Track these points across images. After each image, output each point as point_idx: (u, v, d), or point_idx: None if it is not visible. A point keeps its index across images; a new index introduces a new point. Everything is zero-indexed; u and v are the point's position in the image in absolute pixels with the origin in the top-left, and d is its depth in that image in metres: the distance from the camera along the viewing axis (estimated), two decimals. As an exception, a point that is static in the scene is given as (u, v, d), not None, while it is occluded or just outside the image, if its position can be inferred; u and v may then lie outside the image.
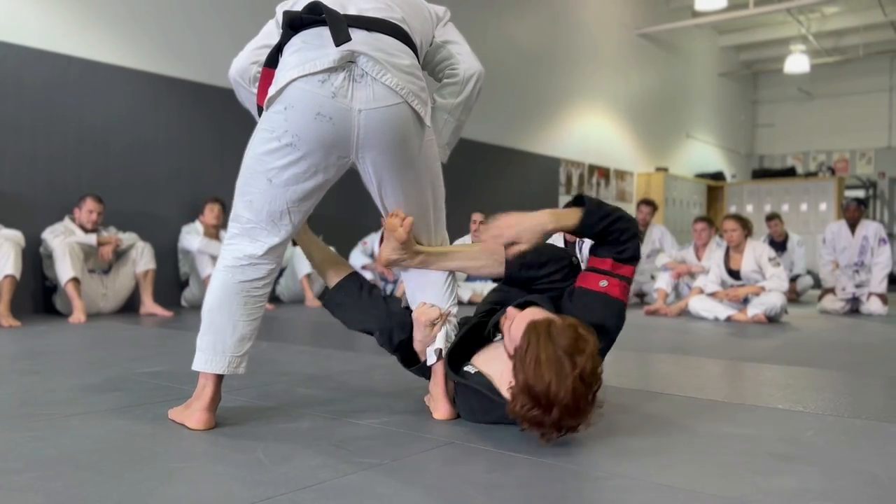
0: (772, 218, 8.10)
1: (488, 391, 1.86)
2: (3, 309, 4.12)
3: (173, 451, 1.67)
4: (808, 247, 8.87)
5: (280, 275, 6.13)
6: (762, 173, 13.09)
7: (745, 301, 5.54)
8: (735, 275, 5.69)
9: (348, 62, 1.75)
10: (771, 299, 5.37)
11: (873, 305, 6.43)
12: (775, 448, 1.77)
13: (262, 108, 1.90)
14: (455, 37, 2.10)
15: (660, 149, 11.89)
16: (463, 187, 7.64)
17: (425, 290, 2.07)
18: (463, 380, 1.95)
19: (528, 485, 1.46)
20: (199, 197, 5.53)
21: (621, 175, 10.89)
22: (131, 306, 5.02)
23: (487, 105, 7.78)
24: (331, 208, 4.57)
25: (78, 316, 4.42)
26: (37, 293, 4.80)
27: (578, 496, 1.40)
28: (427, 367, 2.06)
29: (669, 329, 4.81)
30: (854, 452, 1.76)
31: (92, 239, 4.70)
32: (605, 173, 10.49)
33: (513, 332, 1.79)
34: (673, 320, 5.45)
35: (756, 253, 5.65)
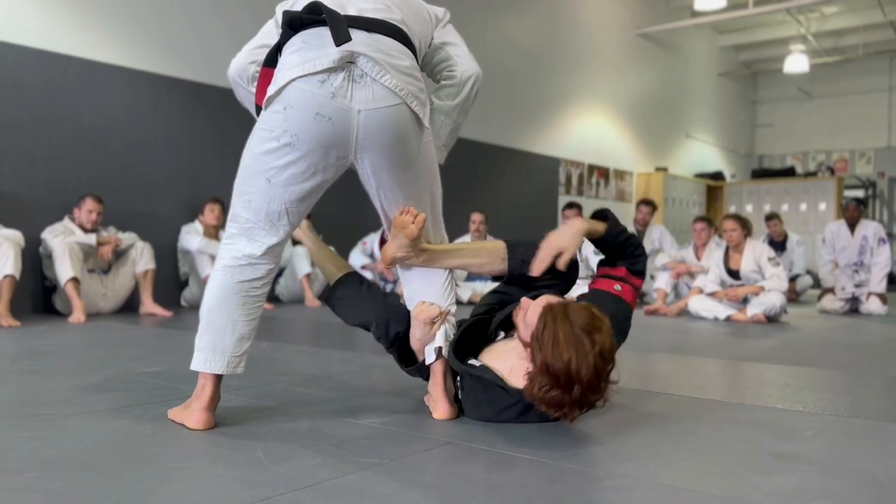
0: (771, 218, 8.10)
1: (497, 382, 1.90)
2: (2, 309, 4.12)
3: (173, 451, 1.67)
4: (807, 247, 8.87)
5: (279, 275, 6.13)
6: (761, 173, 13.10)
7: (745, 301, 5.54)
8: (734, 275, 5.69)
9: (348, 63, 1.75)
10: (770, 299, 5.37)
11: (873, 305, 6.43)
12: (775, 448, 1.77)
13: (260, 108, 1.90)
14: (454, 38, 2.10)
15: (659, 149, 11.89)
16: (462, 187, 7.64)
17: (424, 290, 2.07)
18: (471, 369, 1.96)
19: (528, 484, 1.46)
20: (198, 197, 5.53)
21: (621, 175, 10.89)
22: (131, 306, 5.02)
23: (487, 105, 7.78)
24: (331, 208, 4.57)
25: (77, 316, 4.42)
26: (36, 293, 4.80)
27: (578, 496, 1.40)
28: (425, 366, 2.06)
29: (669, 329, 4.81)
30: (853, 452, 1.76)
31: (91, 239, 4.70)
32: (604, 173, 10.49)
33: (528, 318, 1.84)
34: (672, 320, 5.45)
35: (755, 253, 5.65)
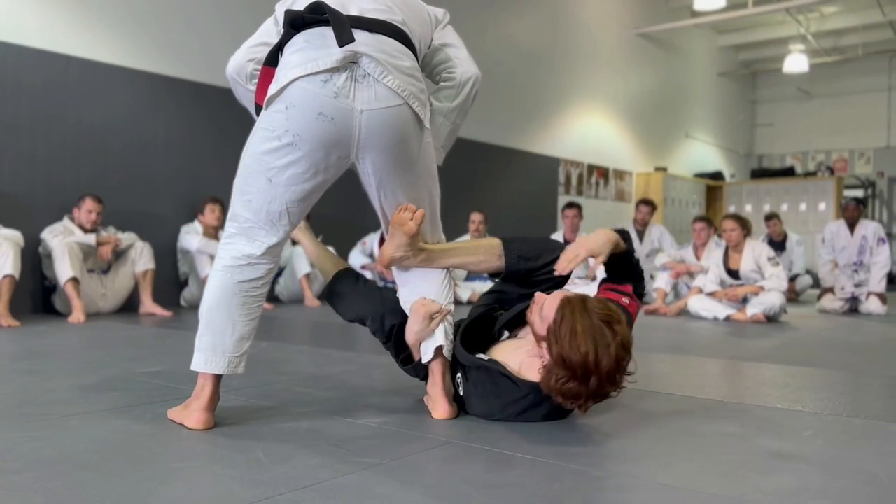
0: (771, 217, 8.10)
1: (506, 373, 1.92)
2: (2, 309, 4.12)
3: (172, 450, 1.67)
4: (806, 246, 8.87)
5: (279, 274, 6.13)
6: (761, 173, 13.10)
7: (745, 301, 5.54)
8: (734, 274, 5.69)
9: (350, 63, 1.76)
10: (770, 299, 5.37)
11: (872, 305, 6.43)
12: (774, 447, 1.77)
13: (260, 107, 1.90)
14: (453, 40, 2.10)
15: (659, 148, 11.89)
16: (462, 187, 7.64)
17: (424, 289, 2.07)
18: (480, 361, 1.97)
19: (528, 484, 1.46)
20: (198, 197, 5.53)
21: (620, 175, 10.89)
22: (130, 306, 5.02)
23: (486, 105, 7.78)
24: (330, 208, 4.57)
25: (77, 316, 4.42)
26: (36, 293, 4.79)
27: (578, 495, 1.40)
28: (422, 365, 2.06)
29: (668, 328, 4.81)
30: (853, 452, 1.76)
31: (91, 239, 4.70)
32: (604, 173, 10.49)
33: (545, 311, 1.85)
34: (672, 320, 5.45)
35: (755, 252, 5.65)
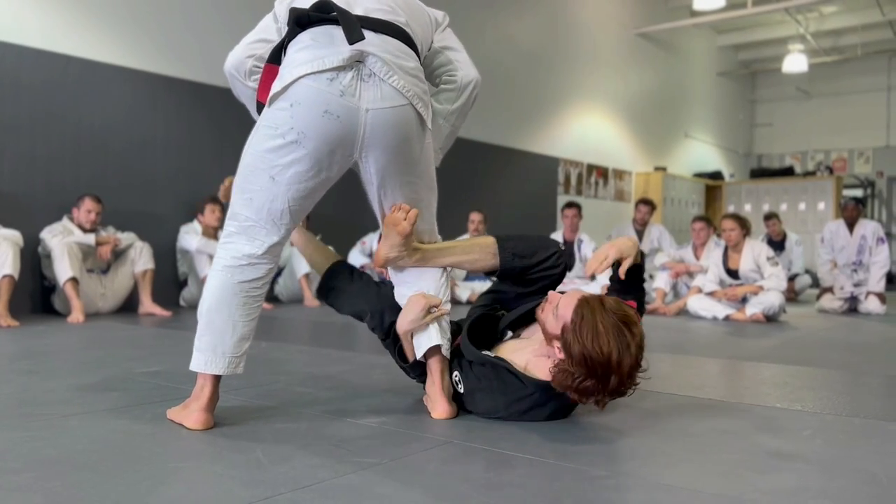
0: (770, 217, 8.10)
1: (513, 371, 1.93)
2: (1, 309, 4.11)
3: (172, 450, 1.67)
4: (806, 246, 8.88)
5: (278, 274, 6.13)
6: (760, 173, 13.11)
7: (744, 300, 5.54)
8: (733, 274, 5.69)
9: (356, 62, 1.76)
10: (769, 298, 5.37)
11: (871, 304, 6.43)
12: (774, 447, 1.77)
13: (261, 105, 1.90)
14: (453, 43, 2.12)
15: (658, 148, 11.89)
16: (461, 187, 7.64)
17: (421, 286, 2.07)
18: (486, 357, 1.98)
19: (527, 484, 1.46)
20: (197, 197, 5.52)
21: (620, 174, 10.89)
22: (130, 306, 5.02)
23: (486, 105, 7.78)
24: (329, 208, 4.56)
25: (76, 316, 4.42)
26: (35, 293, 4.79)
27: (577, 495, 1.40)
28: (419, 364, 2.06)
29: (668, 328, 4.81)
30: (852, 451, 1.76)
31: (90, 239, 4.70)
32: (603, 173, 10.49)
33: (560, 310, 1.86)
34: (671, 319, 5.45)
35: (754, 252, 5.65)
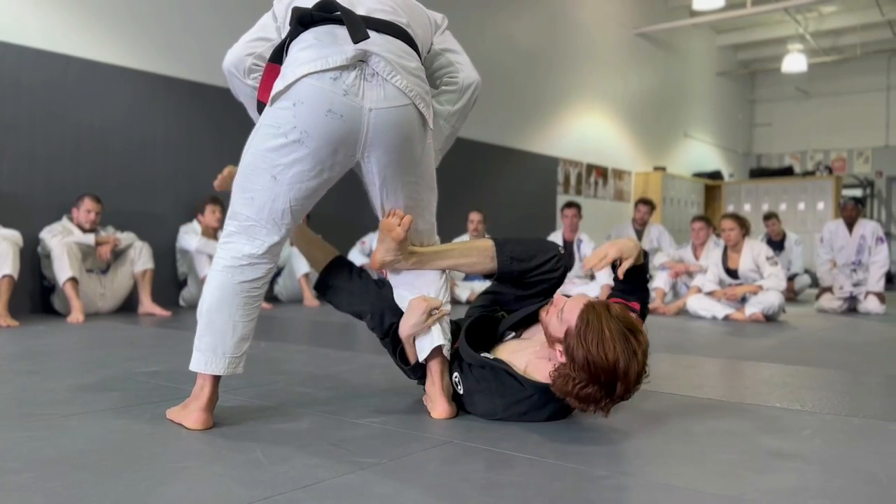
0: (769, 217, 8.11)
1: (512, 373, 1.93)
2: (1, 309, 4.11)
3: (171, 450, 1.67)
4: (805, 246, 8.87)
5: (278, 274, 6.13)
6: (760, 172, 13.11)
7: (743, 300, 5.54)
8: (733, 274, 5.70)
9: (359, 61, 1.76)
10: (769, 298, 5.37)
11: (871, 304, 6.43)
12: (773, 446, 1.77)
13: (261, 103, 1.90)
14: (454, 45, 2.13)
15: (658, 148, 11.89)
16: (461, 187, 7.64)
17: (419, 289, 2.07)
18: (486, 360, 1.97)
19: (527, 484, 1.46)
20: (197, 197, 5.52)
21: (619, 174, 10.89)
22: (129, 306, 5.02)
23: (486, 105, 7.78)
24: (329, 208, 4.55)
25: (76, 316, 4.41)
26: (35, 293, 4.79)
27: (577, 495, 1.40)
28: (419, 365, 2.06)
29: (667, 328, 4.81)
30: (852, 451, 1.76)
31: (90, 239, 4.70)
32: (602, 172, 10.49)
33: (565, 314, 1.84)
34: (671, 319, 5.45)
35: (754, 252, 5.65)
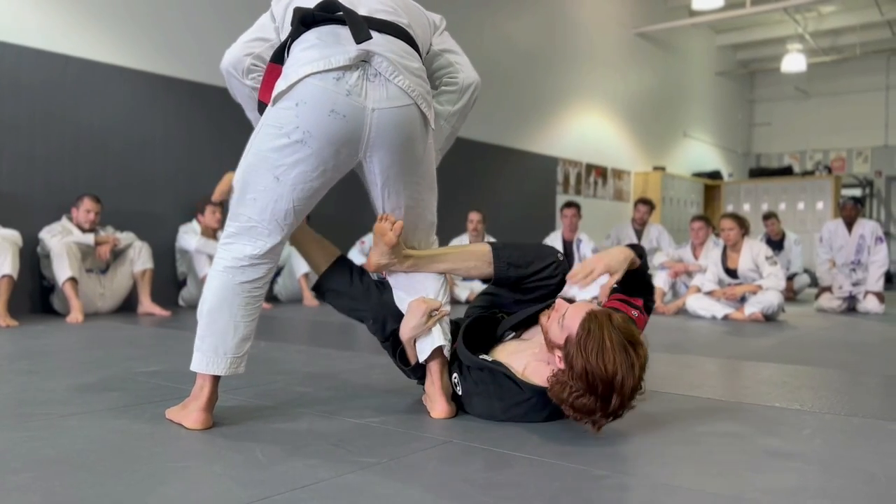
0: (769, 217, 8.11)
1: (510, 376, 1.91)
2: (0, 309, 4.11)
3: (171, 450, 1.67)
4: (804, 245, 8.87)
5: (277, 274, 6.13)
6: (759, 172, 13.11)
7: (743, 300, 5.55)
8: (732, 273, 5.70)
9: (362, 61, 1.76)
10: (768, 298, 5.38)
11: (870, 304, 6.43)
12: (773, 446, 1.77)
13: (263, 104, 1.89)
14: (453, 46, 2.14)
15: (657, 148, 11.89)
16: (460, 186, 7.64)
17: (419, 290, 2.07)
18: (484, 362, 1.97)
19: (527, 483, 1.46)
20: (196, 197, 5.51)
21: (618, 174, 10.90)
22: (129, 306, 5.01)
23: (485, 104, 7.77)
24: (329, 208, 4.54)
25: (75, 316, 4.41)
26: (34, 293, 4.79)
27: (577, 495, 1.40)
28: (419, 366, 2.06)
29: (667, 328, 4.81)
30: (851, 451, 1.76)
31: (89, 238, 4.69)
32: (602, 172, 10.49)
33: (567, 321, 1.82)
34: (670, 319, 5.45)
35: (753, 252, 5.65)
